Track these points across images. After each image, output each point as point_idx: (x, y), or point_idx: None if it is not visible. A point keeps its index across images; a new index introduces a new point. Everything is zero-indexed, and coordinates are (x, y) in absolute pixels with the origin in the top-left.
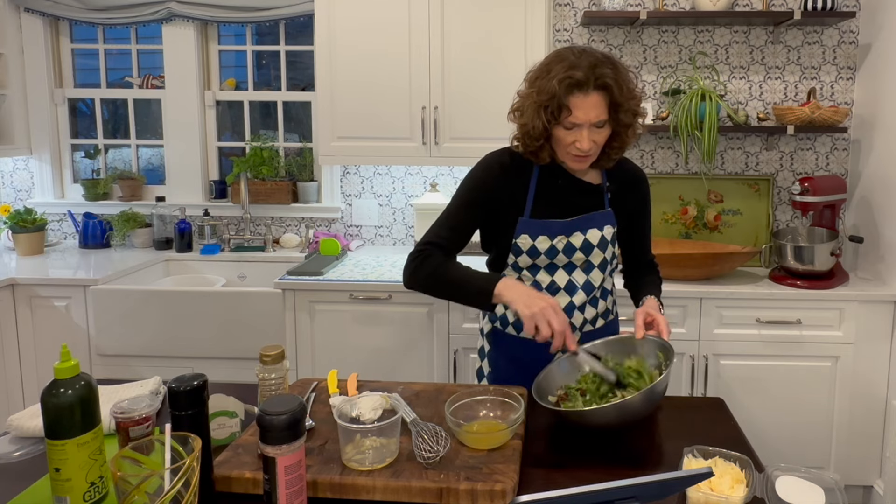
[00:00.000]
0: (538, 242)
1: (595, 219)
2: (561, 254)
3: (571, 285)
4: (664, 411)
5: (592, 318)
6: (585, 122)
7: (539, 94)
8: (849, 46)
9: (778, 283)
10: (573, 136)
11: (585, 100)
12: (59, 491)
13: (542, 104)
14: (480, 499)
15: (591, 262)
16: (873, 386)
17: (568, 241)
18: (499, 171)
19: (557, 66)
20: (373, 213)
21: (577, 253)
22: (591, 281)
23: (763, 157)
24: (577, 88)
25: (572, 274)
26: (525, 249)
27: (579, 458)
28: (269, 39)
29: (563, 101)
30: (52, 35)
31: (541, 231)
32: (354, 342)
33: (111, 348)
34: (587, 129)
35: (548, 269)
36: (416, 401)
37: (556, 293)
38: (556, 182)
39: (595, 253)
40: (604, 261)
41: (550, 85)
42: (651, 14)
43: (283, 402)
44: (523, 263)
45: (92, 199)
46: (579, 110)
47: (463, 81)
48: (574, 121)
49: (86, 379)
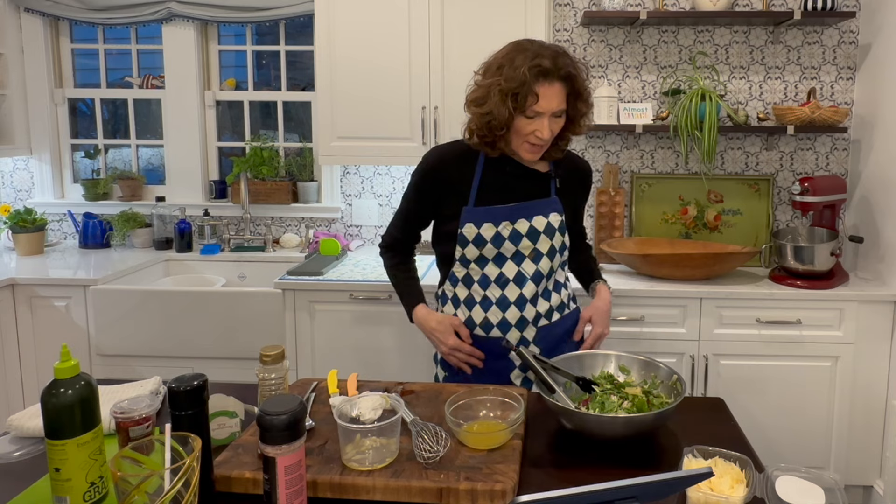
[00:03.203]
0: (483, 230)
1: (539, 205)
2: (507, 241)
3: (520, 276)
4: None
5: (546, 312)
6: (548, 110)
7: (507, 82)
8: (849, 46)
9: (778, 283)
10: (534, 124)
11: (550, 88)
12: (59, 491)
13: (510, 91)
14: (480, 499)
15: (538, 250)
16: (873, 386)
17: (513, 227)
18: (439, 164)
19: (521, 55)
20: (373, 213)
21: (523, 240)
22: (541, 270)
23: (763, 157)
24: (544, 77)
25: (521, 265)
26: (471, 239)
27: (579, 458)
28: (269, 39)
29: (532, 87)
30: (52, 35)
31: (485, 218)
32: (354, 342)
33: (111, 348)
34: (547, 118)
35: (496, 260)
36: (416, 401)
37: (504, 285)
38: (502, 170)
39: (542, 240)
40: (552, 248)
41: (519, 73)
42: (651, 14)
43: (283, 402)
44: (470, 255)
45: (92, 199)
46: (544, 99)
47: (463, 81)
48: (538, 109)
49: (86, 379)
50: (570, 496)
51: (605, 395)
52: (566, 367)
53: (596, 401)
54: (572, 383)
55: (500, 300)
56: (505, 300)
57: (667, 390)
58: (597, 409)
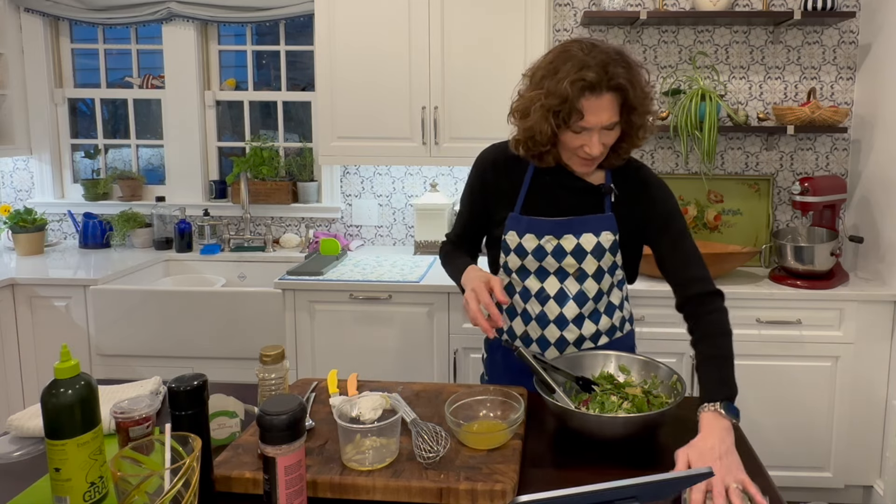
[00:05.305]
0: (525, 241)
1: (590, 222)
2: (550, 256)
3: (562, 294)
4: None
5: (592, 335)
6: (597, 125)
7: (548, 97)
8: (849, 46)
9: (778, 283)
10: (582, 139)
11: (598, 102)
12: (59, 491)
13: (552, 108)
14: (480, 499)
15: (584, 270)
16: (873, 386)
17: (558, 243)
18: (491, 166)
19: (566, 65)
20: (373, 213)
21: (567, 258)
22: (585, 291)
23: (763, 157)
24: (590, 91)
25: (564, 282)
26: (513, 247)
27: (579, 458)
28: (269, 39)
29: (575, 105)
30: (52, 35)
31: (528, 228)
32: (354, 342)
33: (111, 348)
34: (597, 132)
35: (538, 273)
36: (416, 401)
37: (545, 301)
38: (553, 180)
39: (588, 260)
40: (599, 270)
41: (561, 87)
42: (651, 14)
43: (283, 402)
44: (512, 265)
45: (92, 199)
46: (591, 114)
47: (463, 81)
48: (585, 125)
49: (86, 379)
50: (570, 496)
51: (605, 395)
52: (566, 367)
53: (596, 401)
54: (572, 383)
55: (539, 316)
56: (544, 317)
57: (667, 390)
58: (597, 409)
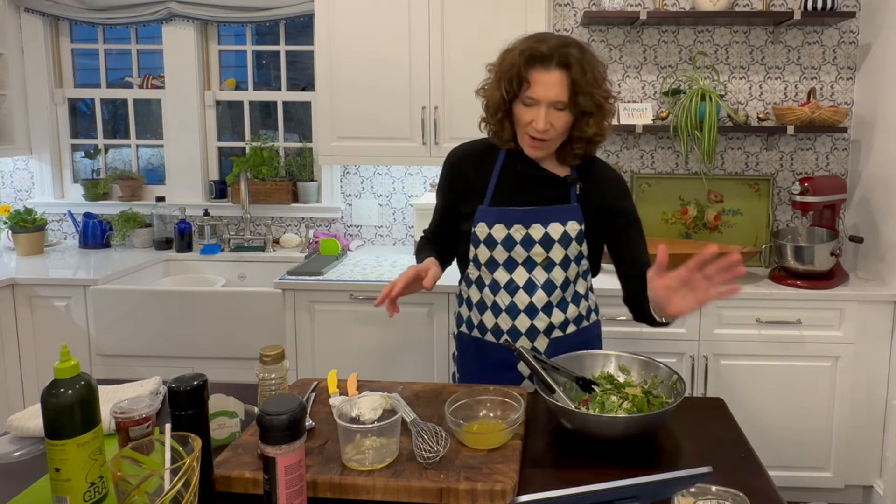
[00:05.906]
0: (494, 231)
1: (557, 212)
2: (519, 246)
3: (531, 284)
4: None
5: (561, 324)
6: (544, 98)
7: (501, 65)
8: (849, 46)
9: (778, 283)
10: (531, 114)
11: (546, 75)
12: (59, 491)
13: (503, 75)
14: (480, 499)
15: (551, 258)
16: (873, 386)
17: (527, 232)
18: (459, 161)
19: (525, 41)
20: (373, 213)
21: (535, 247)
22: (553, 279)
23: (763, 157)
24: (539, 62)
25: (532, 272)
26: (482, 239)
27: (579, 458)
28: (269, 39)
29: (523, 72)
30: (52, 35)
31: (497, 219)
32: (354, 342)
33: (111, 348)
34: (545, 108)
35: (506, 265)
36: (416, 401)
37: (514, 292)
38: (520, 171)
39: (555, 249)
40: (566, 258)
41: (512, 56)
42: (651, 14)
43: (283, 402)
44: (482, 257)
45: (92, 199)
46: (538, 85)
47: (463, 81)
48: (532, 95)
49: (86, 379)
50: (570, 496)
51: (605, 395)
52: (566, 366)
53: (596, 401)
54: (572, 383)
55: (509, 307)
56: (514, 307)
57: (667, 390)
58: (597, 409)
